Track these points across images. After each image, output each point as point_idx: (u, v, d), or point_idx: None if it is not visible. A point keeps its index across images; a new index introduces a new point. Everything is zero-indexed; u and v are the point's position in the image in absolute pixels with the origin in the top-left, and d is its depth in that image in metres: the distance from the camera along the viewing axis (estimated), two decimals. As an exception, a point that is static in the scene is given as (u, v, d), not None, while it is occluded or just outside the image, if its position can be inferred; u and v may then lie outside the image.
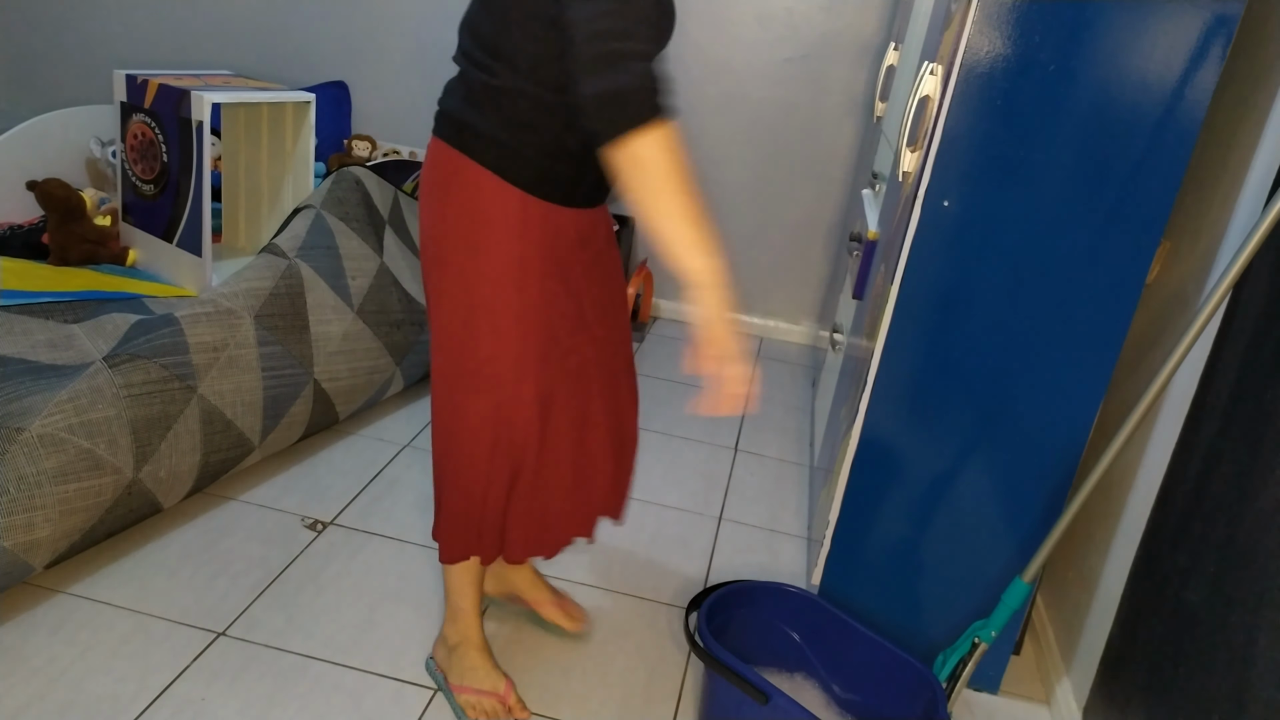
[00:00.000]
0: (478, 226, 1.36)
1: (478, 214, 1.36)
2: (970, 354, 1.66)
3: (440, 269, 1.41)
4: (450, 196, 1.37)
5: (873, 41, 3.24)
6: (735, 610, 1.72)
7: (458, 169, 1.36)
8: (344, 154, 3.48)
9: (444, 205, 1.38)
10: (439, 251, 1.40)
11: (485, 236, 1.36)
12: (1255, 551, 1.27)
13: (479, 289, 1.38)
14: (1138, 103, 1.48)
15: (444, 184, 1.38)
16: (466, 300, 1.39)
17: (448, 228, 1.38)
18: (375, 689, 1.64)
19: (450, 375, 1.45)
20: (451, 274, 1.39)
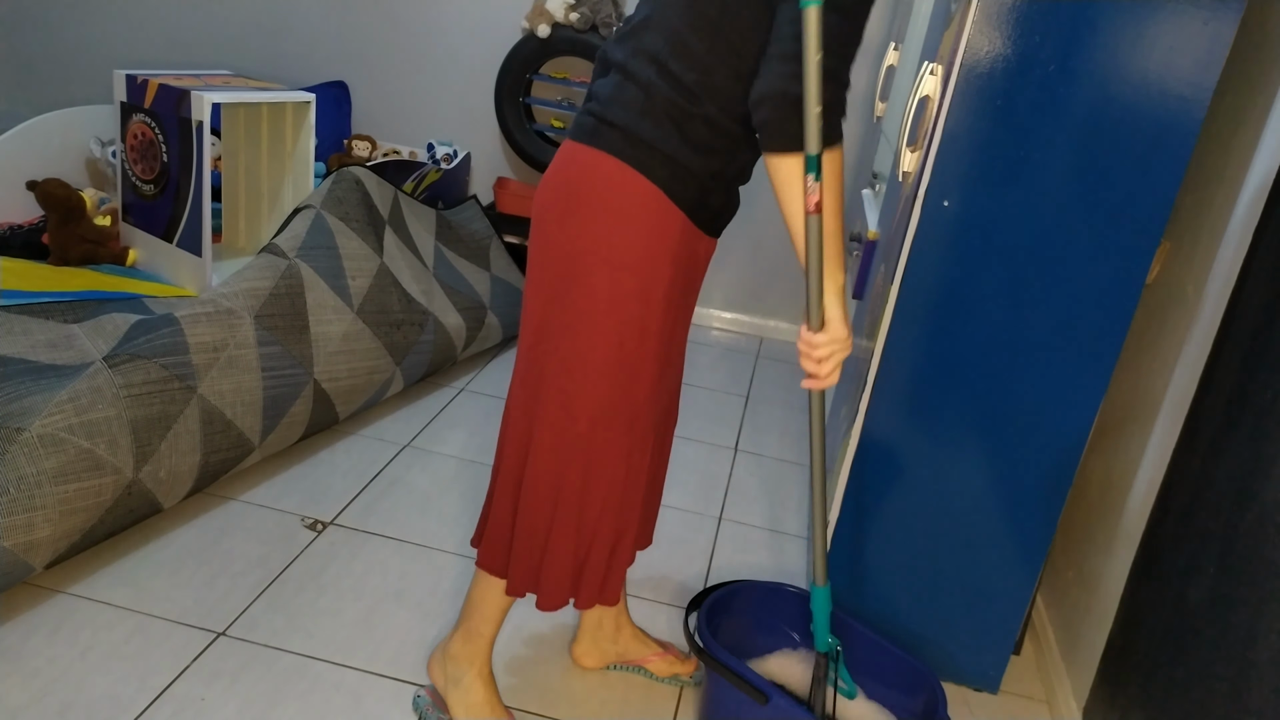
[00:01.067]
0: (635, 242, 1.30)
1: (639, 229, 1.29)
2: (970, 354, 1.66)
3: (574, 287, 1.31)
4: (607, 208, 1.29)
5: (873, 41, 3.24)
6: (735, 610, 1.72)
7: (620, 180, 1.29)
8: (344, 154, 3.48)
9: (595, 217, 1.30)
10: (579, 265, 1.31)
11: (642, 253, 1.30)
12: (1255, 551, 1.27)
13: (627, 307, 1.31)
14: (1138, 103, 1.48)
15: (600, 195, 1.30)
16: (611, 319, 1.31)
17: (598, 242, 1.30)
18: (375, 689, 1.64)
19: (575, 402, 1.34)
20: (592, 292, 1.30)
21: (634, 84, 1.29)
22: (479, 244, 3.14)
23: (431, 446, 2.45)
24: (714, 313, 3.70)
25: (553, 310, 1.34)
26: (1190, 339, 1.64)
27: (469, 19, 3.45)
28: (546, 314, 1.35)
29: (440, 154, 3.48)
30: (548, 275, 1.34)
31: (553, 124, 3.44)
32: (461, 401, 2.72)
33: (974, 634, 1.84)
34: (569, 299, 1.32)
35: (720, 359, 3.37)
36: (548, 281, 1.34)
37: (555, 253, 1.33)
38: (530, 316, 1.38)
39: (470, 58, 3.50)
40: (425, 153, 3.55)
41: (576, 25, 3.17)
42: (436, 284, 2.77)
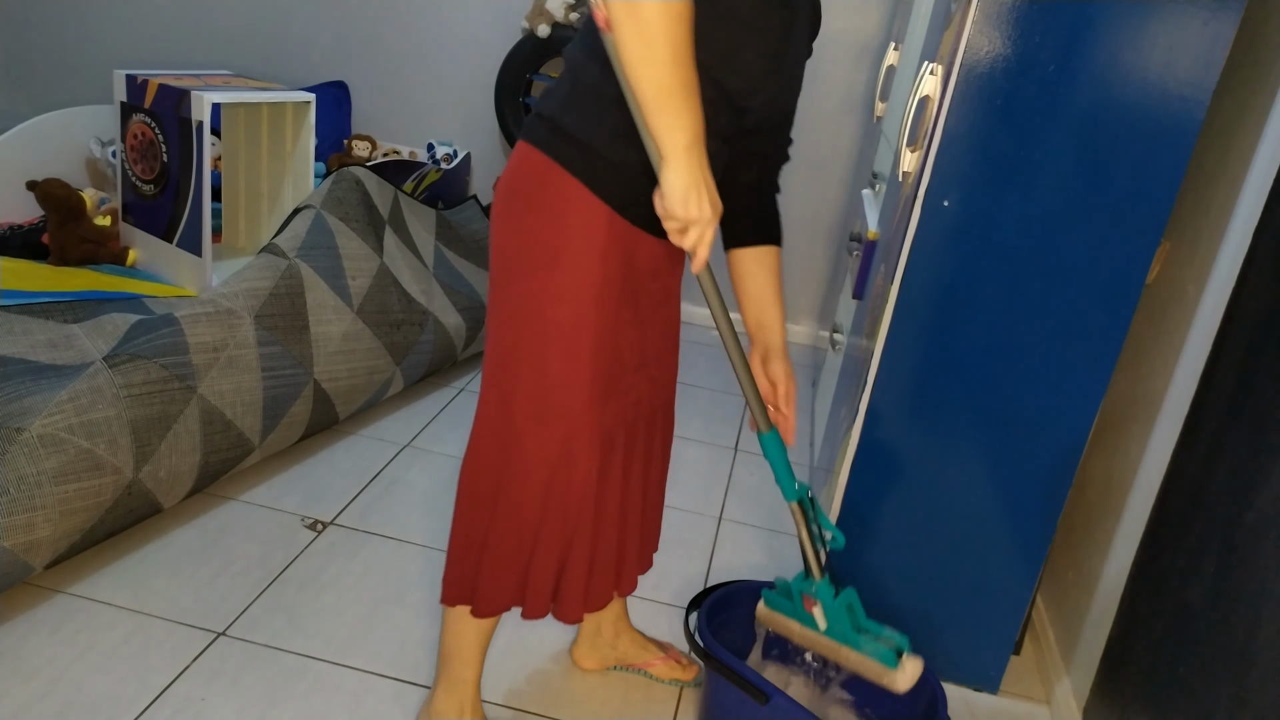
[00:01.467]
0: (561, 240, 1.26)
1: (563, 227, 1.26)
2: (970, 354, 1.66)
3: (513, 283, 1.31)
4: (533, 205, 1.27)
5: (873, 41, 3.24)
6: (735, 610, 1.72)
7: (545, 177, 1.26)
8: (344, 154, 3.48)
9: (525, 215, 1.28)
10: (514, 264, 1.31)
11: (568, 251, 1.26)
12: (1255, 551, 1.27)
13: (556, 307, 1.28)
14: (1138, 103, 1.48)
15: (528, 192, 1.28)
16: (540, 318, 1.29)
17: (528, 240, 1.28)
18: (375, 689, 1.64)
19: (510, 400, 1.33)
20: (527, 289, 1.29)
21: (567, 71, 1.27)
22: (479, 244, 3.14)
23: (431, 446, 2.45)
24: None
25: (496, 308, 1.34)
26: (1190, 339, 1.64)
27: (469, 19, 3.45)
28: (494, 310, 1.35)
29: (440, 154, 3.48)
30: (494, 275, 1.35)
31: (553, 124, 3.44)
32: (461, 401, 2.72)
33: (974, 634, 1.84)
34: (507, 297, 1.31)
35: (720, 359, 3.37)
36: (494, 281, 1.35)
37: (498, 253, 1.33)
38: (487, 317, 1.39)
39: (470, 58, 3.50)
40: (425, 153, 3.55)
41: (576, 25, 3.17)
42: (436, 284, 2.77)
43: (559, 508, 1.36)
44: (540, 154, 1.27)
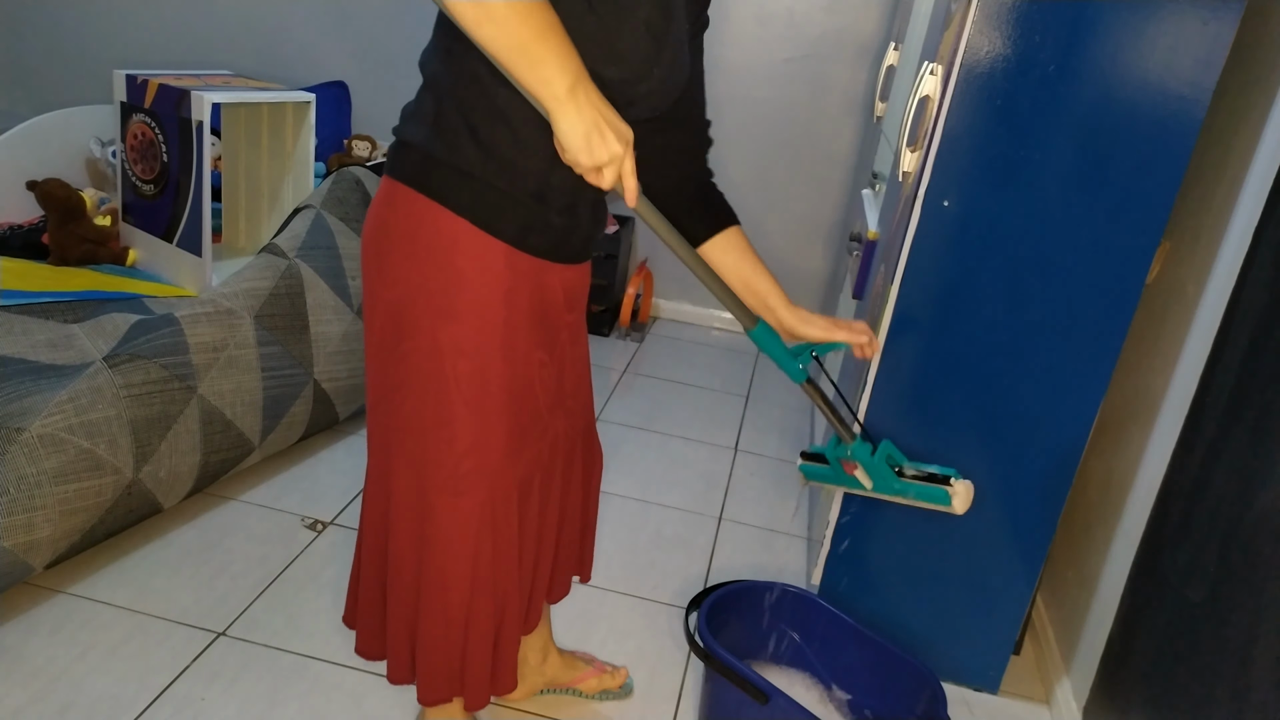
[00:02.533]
0: (455, 288, 1.12)
1: (454, 273, 1.11)
2: (970, 354, 1.66)
3: (401, 341, 1.15)
4: (414, 253, 1.12)
5: (873, 41, 3.24)
6: (735, 610, 1.72)
7: (422, 217, 1.11)
8: (344, 154, 3.48)
9: (409, 264, 1.12)
10: (401, 321, 1.15)
11: (464, 299, 1.12)
12: (1255, 551, 1.27)
13: (457, 363, 1.14)
14: (1138, 103, 1.48)
15: (405, 237, 1.12)
16: (440, 377, 1.15)
17: (412, 291, 1.13)
18: (375, 689, 1.64)
19: (418, 474, 1.20)
20: (420, 348, 1.14)
21: (426, 87, 1.13)
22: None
23: (431, 446, 2.45)
24: (714, 313, 3.70)
25: (388, 368, 1.18)
26: (1190, 339, 1.64)
27: (469, 19, 3.45)
28: (383, 373, 1.19)
29: (440, 154, 3.48)
30: (376, 331, 1.19)
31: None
32: (461, 401, 2.71)
33: (974, 634, 1.84)
34: (399, 355, 1.16)
35: (720, 359, 3.37)
36: (377, 338, 1.19)
37: (380, 306, 1.17)
38: (369, 375, 1.22)
39: (470, 58, 3.50)
40: (425, 153, 3.55)
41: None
42: (436, 284, 2.77)
43: (487, 581, 1.25)
44: (412, 192, 1.11)
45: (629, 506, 2.33)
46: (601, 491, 2.35)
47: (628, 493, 2.38)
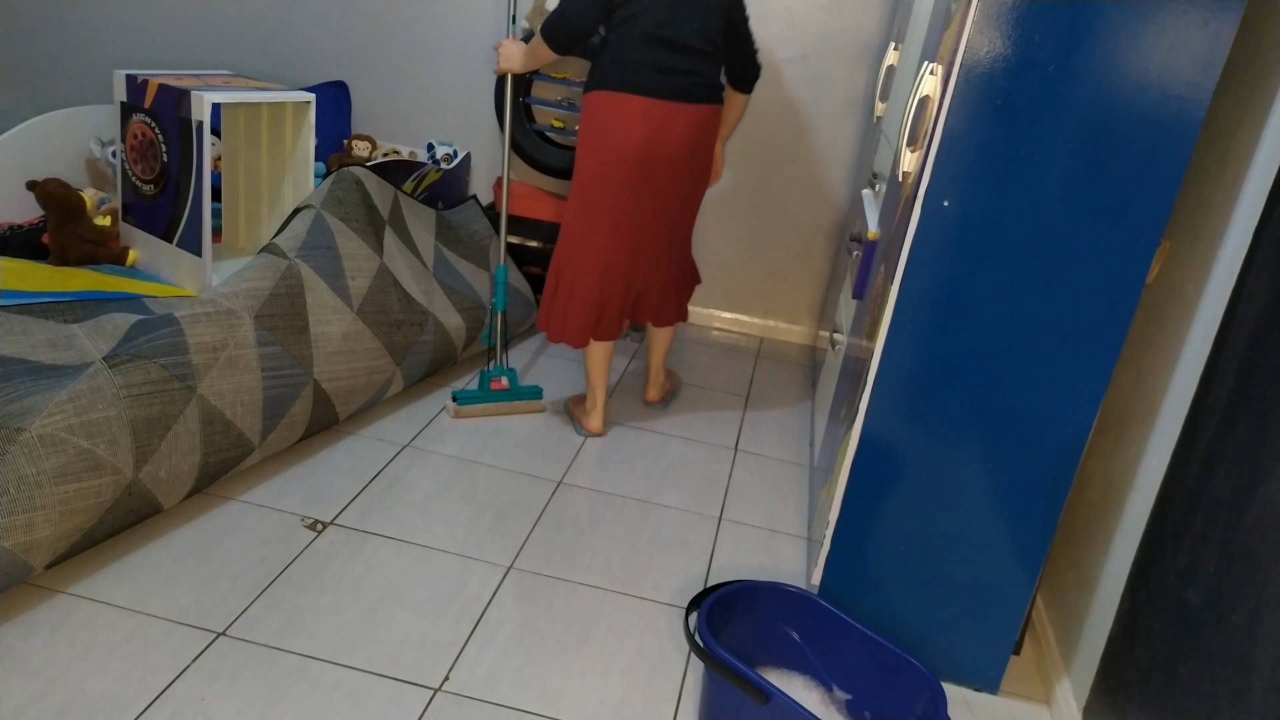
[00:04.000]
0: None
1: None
2: (970, 353, 1.66)
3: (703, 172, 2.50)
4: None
5: (873, 41, 3.24)
6: (735, 610, 1.72)
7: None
8: (344, 154, 3.48)
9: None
10: (706, 157, 2.48)
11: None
12: (1255, 551, 1.27)
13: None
14: (1138, 103, 1.48)
15: (717, 122, 2.48)
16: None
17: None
18: (375, 689, 1.64)
19: (689, 228, 2.60)
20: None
21: (704, 60, 2.41)
22: (479, 244, 3.14)
23: (431, 446, 2.45)
24: (714, 313, 3.70)
25: (689, 199, 2.55)
26: (1190, 339, 1.64)
27: (469, 19, 3.46)
28: (688, 204, 2.55)
29: (440, 154, 3.48)
30: (695, 176, 2.51)
31: (553, 124, 3.45)
32: (461, 401, 2.72)
33: (974, 634, 1.84)
34: (694, 182, 2.57)
35: (720, 359, 3.37)
36: (694, 180, 2.51)
37: (699, 160, 2.51)
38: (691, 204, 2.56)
39: (470, 58, 3.50)
40: (425, 153, 3.55)
41: (576, 25, 3.17)
42: (436, 284, 2.77)
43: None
44: (720, 106, 2.49)
45: (629, 506, 2.33)
46: (601, 491, 2.36)
47: (628, 493, 2.38)
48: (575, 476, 2.42)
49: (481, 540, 2.10)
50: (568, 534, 2.17)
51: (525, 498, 2.29)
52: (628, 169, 2.37)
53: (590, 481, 2.41)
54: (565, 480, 2.40)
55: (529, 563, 2.05)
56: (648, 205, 2.42)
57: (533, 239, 3.30)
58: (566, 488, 2.36)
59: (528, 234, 3.30)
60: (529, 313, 3.17)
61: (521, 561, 2.05)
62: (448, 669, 1.71)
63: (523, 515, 2.22)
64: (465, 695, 1.66)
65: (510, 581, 1.98)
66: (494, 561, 2.03)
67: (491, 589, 1.94)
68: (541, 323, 2.57)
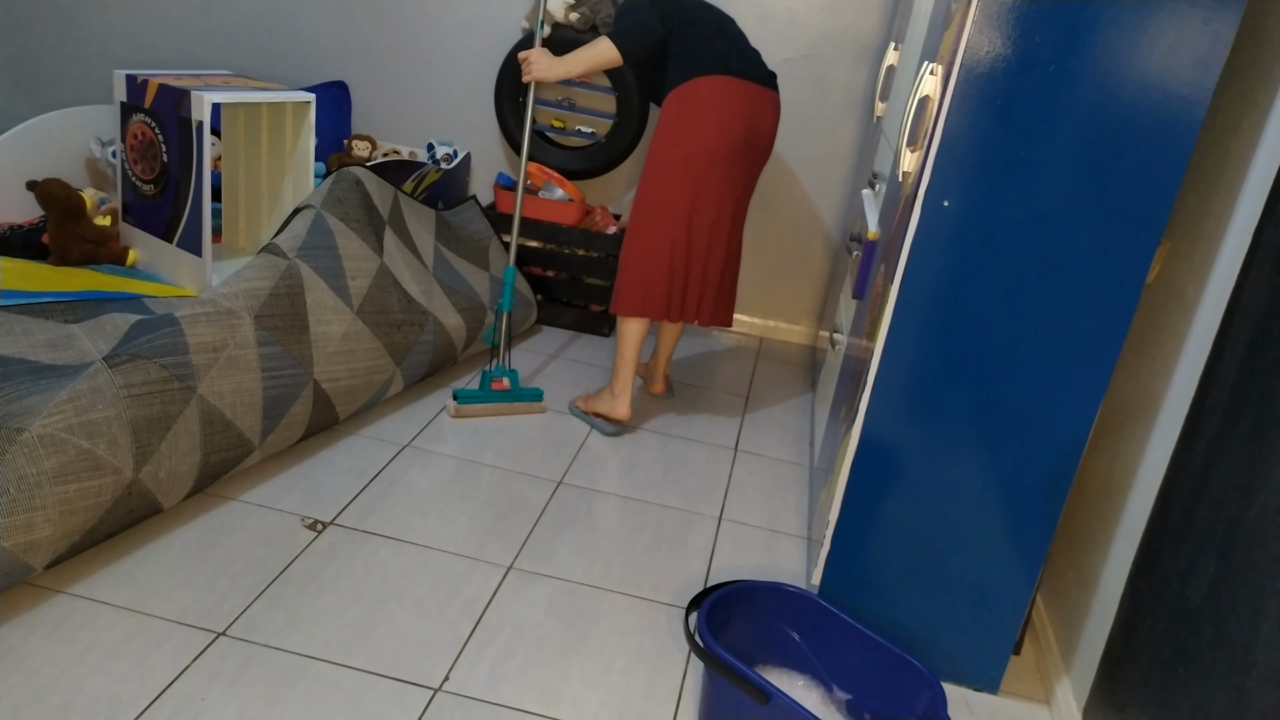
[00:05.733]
0: None
1: None
2: (970, 354, 1.66)
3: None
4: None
5: (873, 41, 3.24)
6: (735, 610, 1.72)
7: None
8: (344, 154, 3.48)
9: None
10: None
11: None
12: (1255, 551, 1.27)
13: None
14: (1138, 102, 1.48)
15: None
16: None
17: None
18: (375, 689, 1.64)
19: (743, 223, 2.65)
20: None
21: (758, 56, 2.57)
22: (478, 244, 3.14)
23: (431, 446, 2.45)
24: (714, 313, 3.69)
25: (752, 179, 2.63)
26: (1190, 339, 1.64)
27: (469, 19, 3.46)
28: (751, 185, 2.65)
29: (440, 154, 3.48)
30: (761, 162, 2.61)
31: (553, 124, 3.45)
32: (461, 401, 2.72)
33: (974, 634, 1.84)
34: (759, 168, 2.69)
35: (720, 359, 3.37)
36: (760, 166, 2.61)
37: (770, 145, 2.61)
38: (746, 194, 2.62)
39: (470, 58, 3.50)
40: (425, 153, 3.55)
41: (576, 25, 3.17)
42: (436, 284, 2.77)
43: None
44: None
45: (629, 506, 2.33)
46: (601, 491, 2.36)
47: (628, 493, 2.38)
48: (575, 476, 2.42)
49: (481, 540, 2.10)
50: (568, 534, 2.17)
51: (525, 498, 2.29)
52: (727, 150, 2.44)
53: (590, 481, 2.41)
54: (565, 480, 2.40)
55: (529, 563, 2.05)
56: (729, 192, 2.50)
57: (533, 239, 3.30)
58: (566, 488, 2.36)
59: (528, 234, 3.30)
60: (529, 313, 3.17)
61: (521, 561, 2.05)
62: (448, 669, 1.71)
63: (523, 515, 2.22)
64: (465, 695, 1.66)
65: (510, 581, 1.98)
66: (494, 561, 2.03)
67: (491, 589, 1.95)
68: (615, 304, 2.61)
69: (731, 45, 2.46)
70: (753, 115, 2.45)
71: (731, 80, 2.42)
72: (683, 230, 2.51)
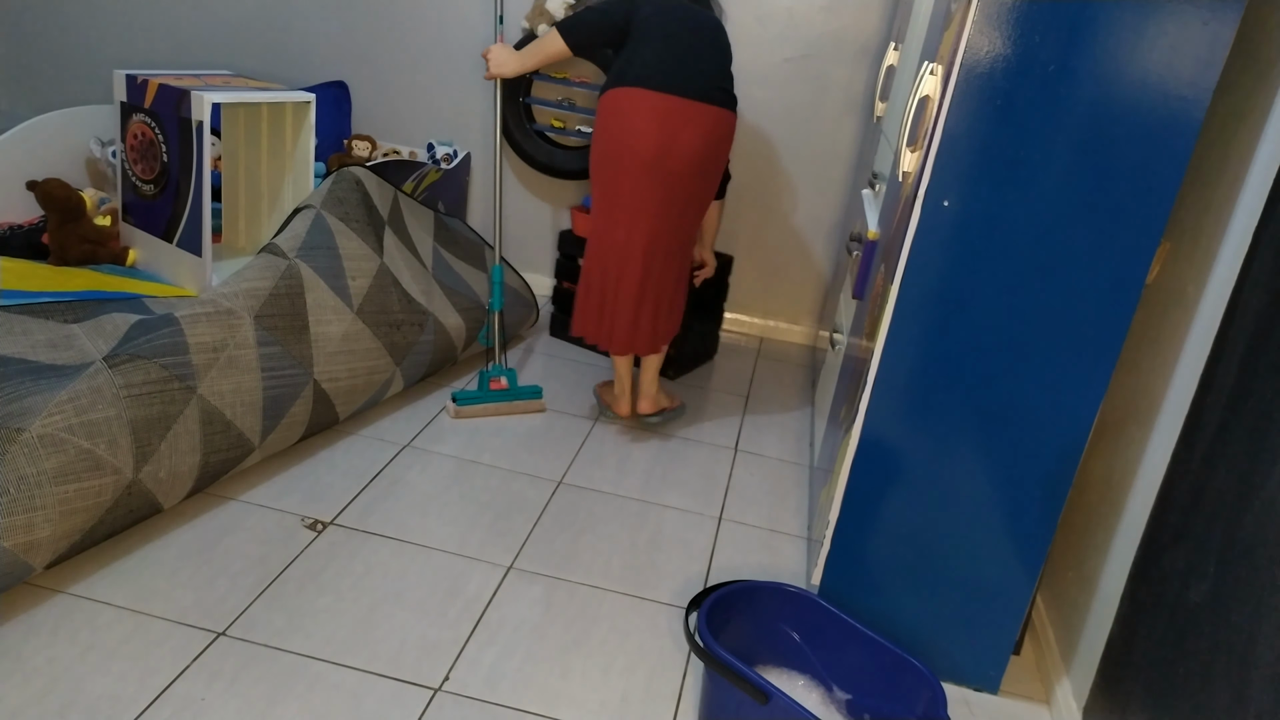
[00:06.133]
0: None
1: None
2: (970, 354, 1.66)
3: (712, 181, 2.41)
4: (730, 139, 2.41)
5: (873, 41, 3.24)
6: (735, 610, 1.72)
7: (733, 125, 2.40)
8: (344, 154, 3.48)
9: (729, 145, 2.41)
10: (717, 168, 2.41)
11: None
12: (1255, 551, 1.27)
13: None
14: (1138, 103, 1.48)
15: (732, 136, 2.41)
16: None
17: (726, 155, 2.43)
18: (375, 689, 1.64)
19: (680, 255, 2.46)
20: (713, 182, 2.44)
21: (719, 74, 2.41)
22: (475, 246, 3.14)
23: (431, 446, 2.45)
24: (714, 313, 3.70)
25: (693, 203, 2.46)
26: (1190, 339, 1.64)
27: (469, 19, 3.46)
28: (689, 208, 2.45)
29: (440, 154, 3.48)
30: (698, 183, 2.42)
31: (553, 124, 3.45)
32: (461, 401, 2.72)
33: (974, 634, 1.84)
34: (702, 194, 2.49)
35: (720, 359, 3.37)
36: (694, 188, 2.42)
37: (710, 167, 2.43)
38: (691, 209, 2.45)
39: (470, 57, 3.50)
40: (425, 153, 3.55)
41: (576, 25, 3.17)
42: (436, 284, 2.77)
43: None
44: (734, 115, 2.40)
45: (629, 506, 2.33)
46: (601, 491, 2.36)
47: (628, 493, 2.38)
48: (575, 476, 2.42)
49: (481, 540, 2.10)
50: (568, 534, 2.17)
51: (525, 498, 2.29)
52: (632, 166, 2.31)
53: (590, 481, 2.41)
54: (565, 480, 2.40)
55: (529, 563, 2.05)
56: (640, 213, 2.36)
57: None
58: (566, 488, 2.36)
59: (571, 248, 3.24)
60: (529, 313, 3.17)
61: (521, 561, 2.05)
62: (448, 669, 1.71)
63: (523, 515, 2.22)
64: (465, 695, 1.66)
65: (510, 581, 1.98)
66: (494, 561, 2.03)
67: (491, 589, 1.95)
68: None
69: (667, 56, 2.29)
70: (667, 131, 2.28)
71: (645, 93, 2.27)
72: (597, 250, 2.45)
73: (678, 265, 2.49)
